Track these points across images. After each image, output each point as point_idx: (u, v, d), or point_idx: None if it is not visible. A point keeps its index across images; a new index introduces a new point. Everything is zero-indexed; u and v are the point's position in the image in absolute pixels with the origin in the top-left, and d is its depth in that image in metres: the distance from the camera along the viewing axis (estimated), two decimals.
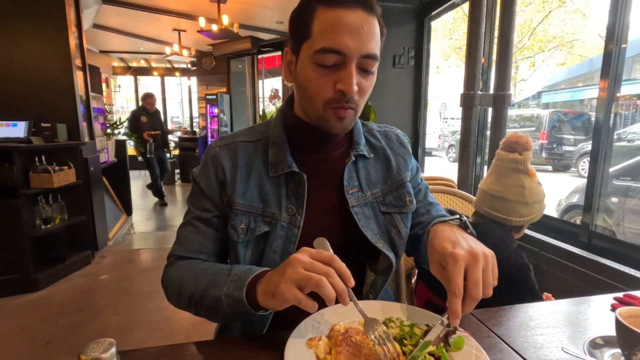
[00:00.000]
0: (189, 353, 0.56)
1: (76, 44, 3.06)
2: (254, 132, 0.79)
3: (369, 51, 0.64)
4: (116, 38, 6.77)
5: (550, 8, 10.98)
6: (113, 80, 9.02)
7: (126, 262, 3.13)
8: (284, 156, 0.73)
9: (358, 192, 0.76)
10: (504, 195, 1.06)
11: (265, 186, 0.73)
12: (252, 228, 0.71)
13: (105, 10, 4.96)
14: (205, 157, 0.77)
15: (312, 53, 0.64)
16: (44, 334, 2.02)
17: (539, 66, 12.19)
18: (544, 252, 1.70)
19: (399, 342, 0.54)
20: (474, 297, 0.52)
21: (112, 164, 4.13)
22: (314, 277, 0.50)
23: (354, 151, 0.77)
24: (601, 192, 1.65)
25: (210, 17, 4.83)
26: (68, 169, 2.76)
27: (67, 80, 2.90)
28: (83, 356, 0.39)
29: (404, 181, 0.80)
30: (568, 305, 0.72)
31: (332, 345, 0.54)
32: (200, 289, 0.64)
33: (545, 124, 7.53)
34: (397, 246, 0.77)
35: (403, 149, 0.85)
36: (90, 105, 3.36)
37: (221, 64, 7.40)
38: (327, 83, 0.64)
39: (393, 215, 0.78)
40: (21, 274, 2.47)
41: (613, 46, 1.53)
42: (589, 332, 0.60)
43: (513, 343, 0.58)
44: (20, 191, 2.43)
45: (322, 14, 0.63)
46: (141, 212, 4.93)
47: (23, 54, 2.77)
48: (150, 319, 2.21)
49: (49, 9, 2.79)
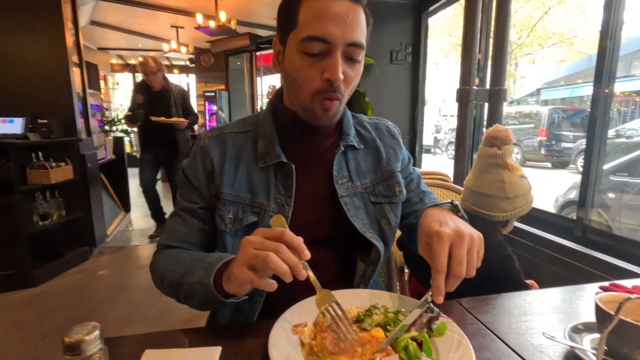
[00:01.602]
0: (176, 339, 0.57)
1: (73, 40, 3.06)
2: (245, 123, 0.80)
3: (354, 39, 0.64)
4: (114, 35, 6.76)
5: (550, 5, 10.96)
6: (111, 77, 9.01)
7: (124, 259, 3.13)
8: (273, 147, 0.73)
9: (348, 182, 0.76)
10: (485, 190, 1.05)
11: (253, 177, 0.73)
12: (240, 218, 0.72)
13: (102, 6, 4.95)
14: (195, 149, 0.78)
15: (298, 42, 0.64)
16: (42, 329, 2.03)
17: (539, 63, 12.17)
18: (539, 246, 1.71)
19: (382, 327, 0.55)
20: (457, 275, 0.53)
21: (110, 161, 4.13)
22: (260, 254, 0.51)
23: (343, 142, 0.77)
24: (596, 187, 1.66)
25: (208, 13, 4.82)
26: (65, 165, 2.76)
27: (63, 77, 2.90)
28: (66, 338, 0.39)
29: (394, 172, 0.81)
30: (554, 294, 0.73)
31: (317, 332, 0.55)
32: (178, 276, 0.66)
33: (544, 121, 7.53)
34: (387, 236, 0.78)
35: (393, 140, 0.85)
36: (88, 102, 3.36)
37: (219, 61, 7.39)
38: (314, 72, 0.65)
39: (383, 205, 0.78)
40: (19, 270, 2.48)
41: (607, 42, 1.53)
42: (573, 319, 0.60)
43: (497, 330, 0.59)
44: (17, 187, 2.43)
45: (308, 3, 0.64)
46: (140, 209, 4.92)
47: (19, 50, 2.77)
48: (147, 314, 2.22)
49: (44, 5, 2.79)
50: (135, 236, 3.77)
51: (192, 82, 8.94)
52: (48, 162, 2.60)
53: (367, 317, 0.57)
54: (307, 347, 0.53)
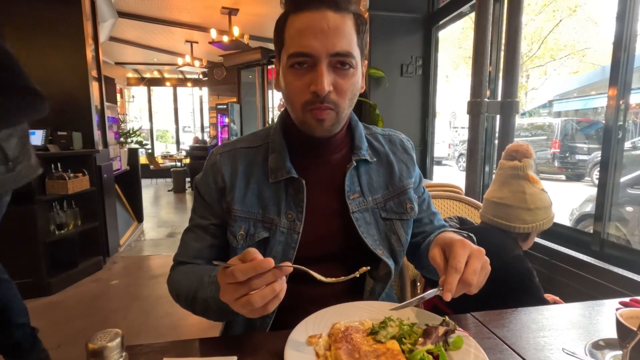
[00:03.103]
0: (192, 348, 0.58)
1: (92, 56, 3.17)
2: (255, 137, 0.80)
3: (337, 49, 0.63)
4: (131, 50, 6.98)
5: (561, 17, 10.93)
6: (127, 90, 9.26)
7: (136, 268, 3.17)
8: (283, 162, 0.73)
9: (359, 197, 0.75)
10: (506, 201, 1.06)
11: (264, 192, 0.73)
12: (251, 234, 0.72)
13: (121, 23, 5.13)
14: (206, 165, 0.79)
15: (286, 59, 0.66)
16: (56, 337, 2.05)
17: (551, 75, 12.08)
18: (555, 260, 1.67)
19: (397, 340, 0.55)
20: (468, 282, 0.54)
21: (124, 172, 4.22)
22: (242, 301, 0.51)
23: (355, 156, 0.76)
24: (613, 200, 1.63)
25: (222, 28, 4.96)
26: (82, 176, 2.84)
27: (83, 91, 3.01)
28: (90, 344, 0.40)
29: (406, 188, 0.80)
30: (572, 309, 0.72)
31: (331, 343, 0.55)
32: (192, 291, 0.67)
33: (557, 133, 7.43)
34: (397, 253, 0.77)
35: (406, 156, 0.84)
36: (105, 115, 3.46)
37: (232, 74, 7.55)
38: (302, 85, 0.65)
39: (393, 222, 0.77)
40: (35, 278, 2.53)
41: (621, 53, 1.52)
42: (593, 335, 0.59)
43: (514, 345, 0.58)
44: (37, 197, 2.50)
45: (291, 21, 0.66)
46: (152, 219, 5.00)
47: (42, 65, 2.89)
48: (159, 324, 2.23)
49: (67, 23, 2.92)
50: (148, 246, 3.82)
51: (205, 95, 9.13)
52: (66, 173, 2.67)
53: (382, 329, 0.57)
54: (322, 358, 0.53)
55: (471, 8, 2.58)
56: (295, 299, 0.54)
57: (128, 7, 4.76)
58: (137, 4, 4.69)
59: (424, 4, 2.95)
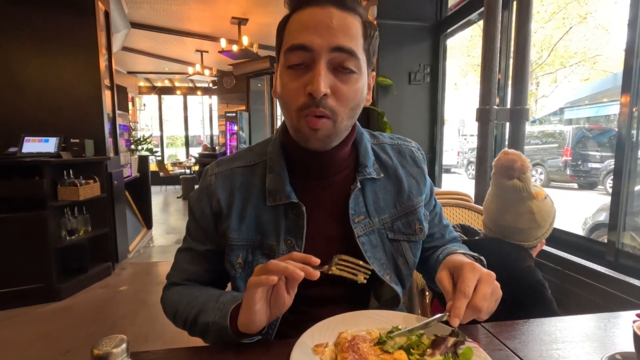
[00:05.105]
0: (197, 355, 0.57)
1: (106, 65, 3.25)
2: (253, 154, 0.74)
3: (339, 43, 0.58)
4: (143, 59, 7.14)
5: (571, 24, 10.86)
6: (139, 99, 9.44)
7: (145, 275, 3.19)
8: (282, 185, 0.68)
9: (365, 219, 0.70)
10: (516, 224, 1.02)
11: (262, 217, 0.69)
12: (249, 261, 0.69)
13: (134, 33, 5.25)
14: (201, 185, 0.74)
15: (283, 57, 0.62)
16: (64, 342, 2.07)
17: (561, 82, 11.97)
18: (567, 270, 1.63)
19: (405, 350, 0.53)
20: (477, 308, 0.52)
21: (134, 179, 4.28)
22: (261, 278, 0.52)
23: (360, 175, 0.70)
24: (627, 209, 1.59)
25: (232, 38, 5.04)
26: (93, 183, 2.88)
27: (96, 99, 3.08)
28: (95, 350, 0.40)
29: (415, 207, 0.74)
30: (586, 321, 0.69)
31: (338, 352, 0.54)
32: (192, 315, 0.66)
33: (569, 140, 7.32)
34: (404, 277, 0.73)
35: (417, 169, 0.77)
36: (117, 123, 3.53)
37: (241, 83, 7.65)
38: (298, 86, 0.59)
39: (401, 243, 0.73)
40: (46, 284, 2.56)
41: (634, 60, 1.50)
42: (608, 348, 0.57)
43: (526, 357, 0.56)
44: (49, 203, 2.55)
45: (293, 18, 0.62)
46: (161, 226, 5.05)
47: (57, 74, 2.97)
48: (166, 331, 2.23)
49: (82, 34, 3.00)
50: (156, 253, 3.85)
51: (215, 103, 9.26)
52: (78, 180, 2.72)
53: (390, 339, 0.56)
54: None
55: (479, 16, 2.58)
56: (299, 309, 0.53)
57: (141, 18, 4.88)
58: (150, 15, 4.80)
59: (432, 13, 2.96)
